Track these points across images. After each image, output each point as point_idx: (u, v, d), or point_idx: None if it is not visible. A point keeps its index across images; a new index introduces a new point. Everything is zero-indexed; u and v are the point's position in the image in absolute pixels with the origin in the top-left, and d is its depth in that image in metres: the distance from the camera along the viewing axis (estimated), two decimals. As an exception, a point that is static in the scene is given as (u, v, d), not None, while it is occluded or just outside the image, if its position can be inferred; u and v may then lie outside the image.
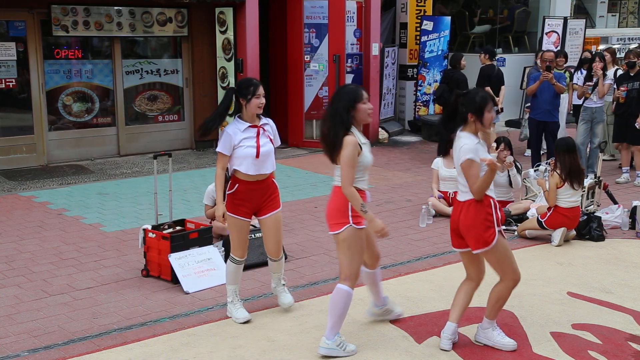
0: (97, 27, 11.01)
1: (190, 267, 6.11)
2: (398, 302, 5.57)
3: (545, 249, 7.22)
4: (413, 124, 14.40)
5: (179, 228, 6.55)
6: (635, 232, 7.70)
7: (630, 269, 6.63)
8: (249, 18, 11.31)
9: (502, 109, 11.41)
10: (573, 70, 12.22)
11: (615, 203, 8.27)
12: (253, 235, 6.27)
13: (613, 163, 11.34)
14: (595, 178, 8.46)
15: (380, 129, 13.21)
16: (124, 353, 4.89)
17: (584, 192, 8.01)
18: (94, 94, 11.43)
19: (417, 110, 14.35)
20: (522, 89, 14.27)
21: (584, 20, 15.51)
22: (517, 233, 7.66)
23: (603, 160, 9.72)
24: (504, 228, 5.37)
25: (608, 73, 10.52)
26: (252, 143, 5.23)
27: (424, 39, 14.13)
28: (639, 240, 7.55)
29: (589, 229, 7.50)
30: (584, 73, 11.23)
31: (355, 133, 4.66)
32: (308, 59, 12.68)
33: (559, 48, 14.12)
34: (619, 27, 18.63)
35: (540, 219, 7.41)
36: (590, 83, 10.32)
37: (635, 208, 7.78)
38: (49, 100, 10.99)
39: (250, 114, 5.29)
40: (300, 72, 12.50)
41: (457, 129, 4.82)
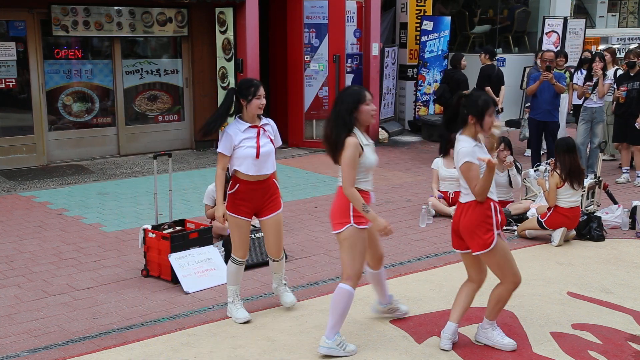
0: (97, 27, 11.01)
1: (190, 267, 6.11)
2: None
3: (545, 249, 7.22)
4: (413, 124, 14.40)
5: (179, 228, 6.55)
6: (635, 232, 7.70)
7: (630, 269, 6.63)
8: (249, 18, 11.31)
9: (502, 109, 11.41)
10: (573, 70, 12.22)
11: (615, 203, 8.27)
12: (253, 235, 6.27)
13: (613, 163, 11.34)
14: (595, 178, 8.46)
15: (380, 129, 13.20)
16: (124, 353, 4.89)
17: (584, 192, 8.01)
18: (94, 94, 11.43)
19: (417, 110, 14.35)
20: (522, 89, 14.27)
21: (584, 20, 15.51)
22: (517, 233, 7.66)
23: (603, 160, 9.71)
24: (505, 228, 5.36)
25: (608, 73, 10.52)
26: (252, 143, 5.23)
27: (424, 39, 14.13)
28: (639, 240, 7.55)
29: (589, 229, 7.50)
30: (584, 73, 11.22)
31: (358, 134, 4.69)
32: (308, 59, 12.68)
33: (559, 48, 14.11)
34: (619, 27, 18.62)
35: (540, 219, 7.41)
36: (590, 83, 10.32)
37: (635, 208, 7.78)
38: (49, 100, 10.99)
39: (251, 115, 5.28)
40: (300, 72, 12.50)
41: (459, 130, 4.84)
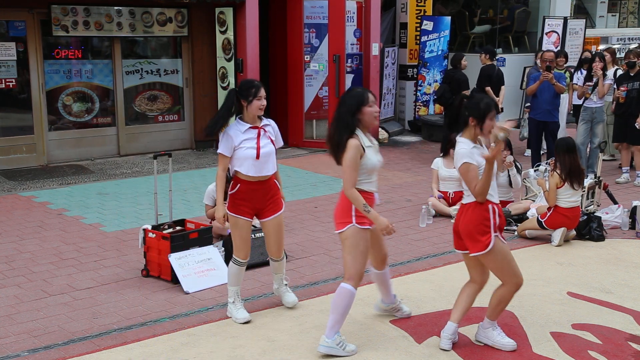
0: (97, 27, 11.01)
1: (190, 267, 6.11)
2: (398, 302, 5.57)
3: (545, 249, 7.22)
4: (413, 124, 14.40)
5: (179, 228, 6.55)
6: (635, 232, 7.70)
7: (630, 269, 6.63)
8: (249, 18, 11.31)
9: (502, 109, 11.41)
10: (573, 70, 12.22)
11: (615, 203, 8.27)
12: (253, 235, 6.26)
13: (613, 163, 11.34)
14: (595, 178, 8.46)
15: (380, 129, 13.20)
16: (124, 353, 4.89)
17: (584, 192, 8.01)
18: (94, 94, 11.43)
19: (417, 110, 14.36)
20: (522, 89, 14.27)
21: (584, 20, 15.51)
22: (517, 233, 7.66)
23: (603, 160, 9.71)
24: (505, 228, 5.36)
25: (608, 73, 10.52)
26: (252, 144, 5.23)
27: (424, 39, 14.14)
28: (639, 240, 7.55)
29: (589, 229, 7.50)
30: (584, 73, 11.22)
31: (360, 136, 4.72)
32: (308, 59, 12.69)
33: (559, 48, 14.12)
34: (619, 27, 18.61)
35: (540, 219, 7.41)
36: (590, 83, 10.32)
37: (635, 208, 7.78)
38: (49, 100, 10.99)
39: (252, 115, 5.29)
40: (300, 72, 12.51)
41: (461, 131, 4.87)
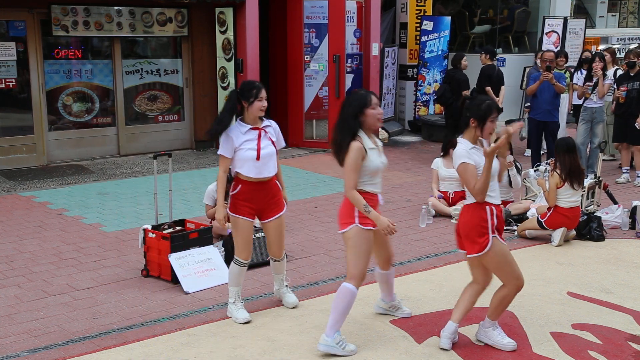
0: (97, 27, 11.01)
1: (190, 267, 6.11)
2: (398, 302, 5.57)
3: (545, 249, 7.22)
4: (413, 124, 14.40)
5: (179, 228, 6.55)
6: (635, 232, 7.70)
7: (630, 269, 6.63)
8: (249, 18, 11.31)
9: (502, 109, 11.39)
10: (573, 70, 12.22)
11: (615, 203, 8.27)
12: (254, 235, 6.24)
13: (613, 163, 11.34)
14: (595, 178, 8.46)
15: (380, 129, 13.17)
16: (124, 353, 4.89)
17: (584, 192, 8.01)
18: (94, 94, 11.43)
19: (417, 110, 14.36)
20: (522, 89, 14.27)
21: (584, 20, 15.51)
22: (517, 233, 7.66)
23: (603, 160, 9.71)
24: (505, 229, 5.36)
25: (608, 73, 10.52)
26: (252, 145, 5.23)
27: (424, 39, 14.14)
28: (639, 240, 7.55)
29: (589, 229, 7.50)
30: (584, 73, 11.22)
31: (364, 138, 4.76)
32: (308, 59, 12.68)
33: (559, 48, 14.11)
34: (619, 27, 18.61)
35: (540, 219, 7.40)
36: (590, 83, 10.32)
37: (635, 208, 7.78)
38: (49, 100, 10.99)
39: (252, 117, 5.29)
40: (300, 72, 12.50)
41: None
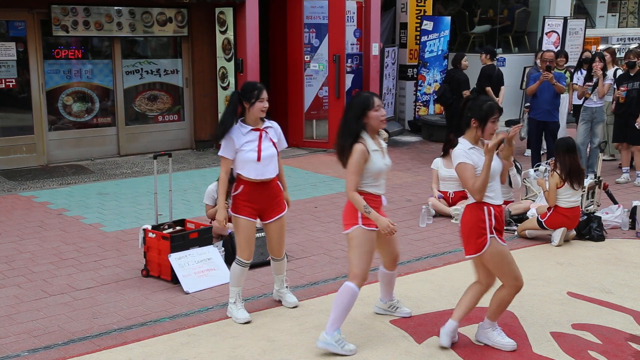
0: (97, 27, 11.01)
1: (190, 267, 6.11)
2: (398, 302, 5.57)
3: (545, 249, 7.22)
4: (413, 124, 14.40)
5: (179, 228, 6.55)
6: (635, 232, 7.70)
7: (630, 269, 6.62)
8: (249, 18, 11.31)
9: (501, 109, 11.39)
10: (573, 70, 12.22)
11: (615, 203, 8.27)
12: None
13: (613, 163, 11.34)
14: (595, 178, 8.46)
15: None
16: (124, 353, 4.89)
17: (584, 192, 8.01)
18: (94, 94, 11.43)
19: (417, 110, 14.36)
20: (522, 89, 14.27)
21: (584, 20, 15.51)
22: (517, 233, 7.65)
23: (603, 160, 9.71)
24: (505, 229, 5.36)
25: (608, 73, 10.52)
26: (253, 147, 5.24)
27: (424, 39, 14.14)
28: (639, 240, 7.55)
29: (589, 229, 7.50)
30: (584, 73, 11.22)
31: (367, 140, 4.78)
32: (308, 59, 12.68)
33: (559, 48, 14.12)
34: (619, 27, 18.61)
35: (540, 219, 7.40)
36: (590, 83, 10.32)
37: (635, 208, 7.78)
38: (49, 100, 10.99)
39: (254, 118, 5.29)
40: (300, 72, 12.50)
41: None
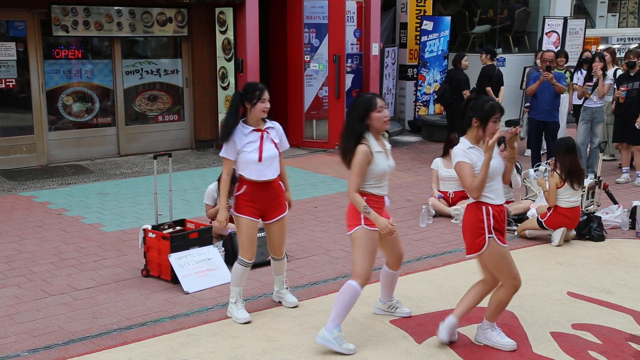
0: (97, 27, 11.01)
1: (190, 267, 6.11)
2: (398, 302, 5.57)
3: (545, 249, 7.22)
4: (413, 124, 14.40)
5: (179, 228, 6.55)
6: (635, 232, 7.70)
7: (630, 269, 6.62)
8: (249, 18, 11.31)
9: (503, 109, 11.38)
10: (573, 70, 12.22)
11: (615, 203, 8.27)
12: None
13: (613, 163, 11.34)
14: (595, 178, 8.46)
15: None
16: (124, 353, 4.89)
17: (584, 192, 8.01)
18: (94, 94, 11.43)
19: (417, 110, 14.36)
20: (522, 89, 14.27)
21: (584, 20, 15.51)
22: (517, 233, 7.65)
23: (603, 160, 9.71)
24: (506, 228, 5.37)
25: (608, 73, 10.52)
26: (255, 147, 5.24)
27: (424, 39, 14.14)
28: (639, 240, 7.55)
29: (589, 229, 7.50)
30: (584, 73, 11.22)
31: (370, 141, 4.79)
32: (308, 59, 12.68)
33: (559, 48, 14.12)
34: (619, 27, 18.60)
35: (540, 219, 7.40)
36: (590, 83, 10.32)
37: (635, 208, 7.78)
38: (49, 100, 10.99)
39: (255, 118, 5.30)
40: (300, 72, 12.50)
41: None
